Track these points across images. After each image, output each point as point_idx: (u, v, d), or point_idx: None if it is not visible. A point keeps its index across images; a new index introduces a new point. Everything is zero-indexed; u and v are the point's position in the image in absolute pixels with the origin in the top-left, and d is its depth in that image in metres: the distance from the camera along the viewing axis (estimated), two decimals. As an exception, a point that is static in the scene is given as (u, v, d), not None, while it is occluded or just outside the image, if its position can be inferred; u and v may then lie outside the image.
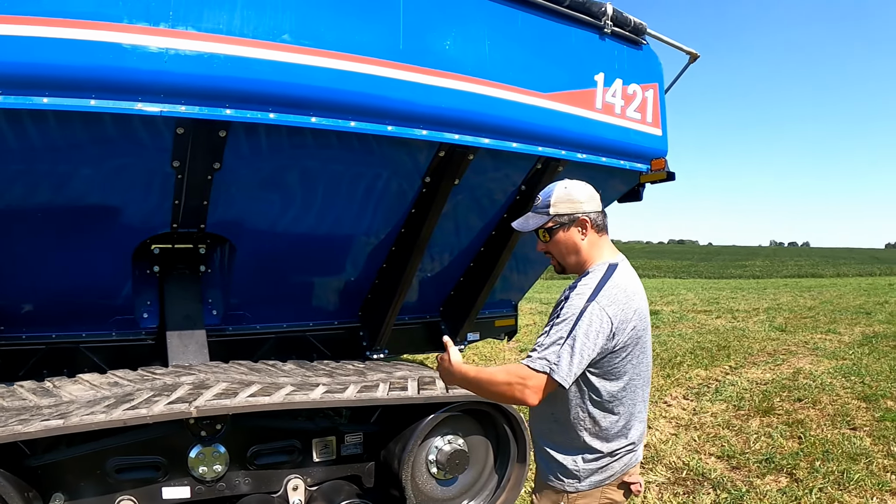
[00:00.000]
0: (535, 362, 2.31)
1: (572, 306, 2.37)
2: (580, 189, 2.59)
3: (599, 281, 2.45)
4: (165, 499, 3.93)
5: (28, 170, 3.52)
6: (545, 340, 2.34)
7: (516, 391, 2.31)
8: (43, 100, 3.07)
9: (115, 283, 4.45)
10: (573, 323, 2.34)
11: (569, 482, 2.55)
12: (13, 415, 3.57)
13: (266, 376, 4.21)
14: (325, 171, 4.12)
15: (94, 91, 3.14)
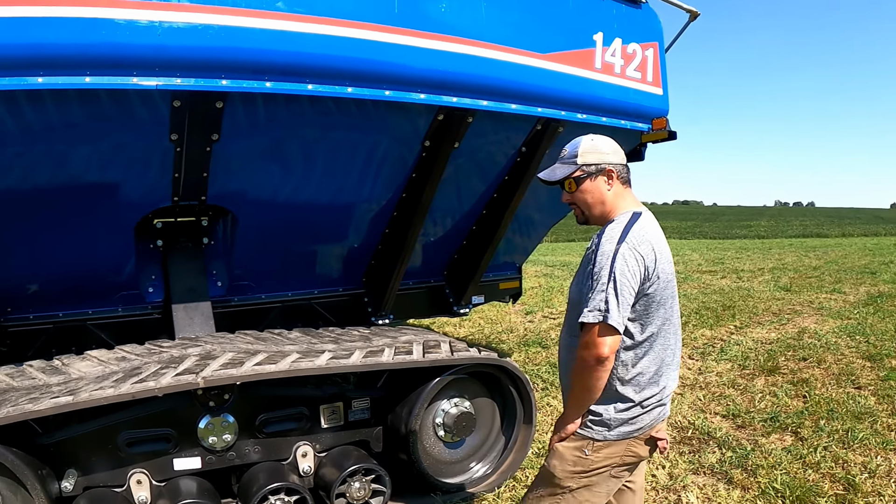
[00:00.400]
0: (587, 317, 2.43)
1: (604, 253, 2.47)
2: (606, 141, 2.71)
3: (626, 225, 2.54)
4: (177, 470, 3.98)
5: (26, 151, 3.52)
6: (593, 294, 2.44)
7: (592, 359, 2.46)
8: (38, 79, 3.06)
9: (119, 260, 4.46)
10: (609, 267, 2.44)
11: (597, 430, 2.61)
12: (23, 394, 3.61)
13: (272, 345, 4.23)
14: (325, 138, 4.11)
15: (89, 68, 3.13)
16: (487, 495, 4.53)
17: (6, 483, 3.53)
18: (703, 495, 4.44)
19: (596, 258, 2.49)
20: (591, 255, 2.54)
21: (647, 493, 4.45)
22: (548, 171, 2.73)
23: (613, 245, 2.48)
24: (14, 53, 2.98)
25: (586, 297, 2.46)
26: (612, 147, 2.70)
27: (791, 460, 4.88)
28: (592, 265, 2.49)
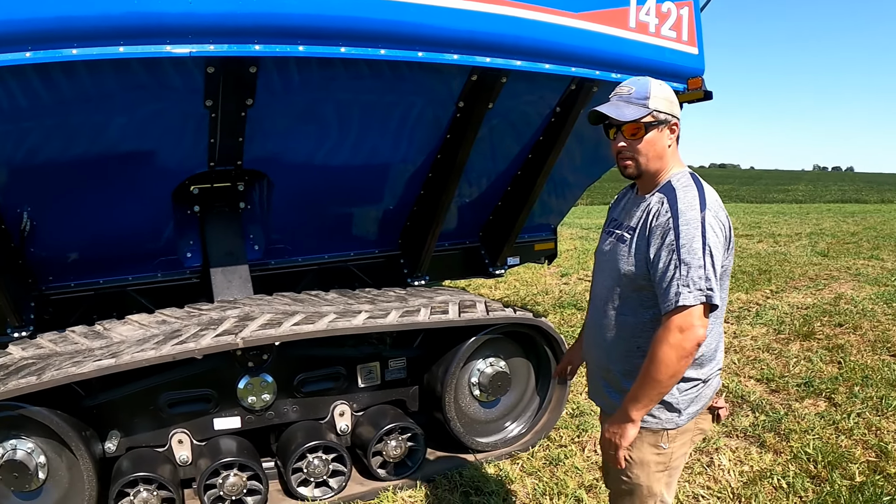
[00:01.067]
0: (687, 298, 2.15)
1: (690, 221, 2.21)
2: (671, 91, 2.42)
3: (698, 189, 2.31)
4: (217, 429, 4.08)
5: (63, 122, 3.57)
6: (682, 271, 2.17)
7: (690, 345, 2.18)
8: (72, 51, 3.09)
9: (158, 226, 4.53)
10: (702, 238, 2.19)
11: (668, 418, 2.39)
12: (66, 358, 3.70)
13: (309, 306, 4.29)
14: (358, 101, 4.11)
15: (123, 38, 3.14)
16: (522, 455, 4.58)
17: (51, 445, 3.64)
18: (736, 458, 4.45)
19: (679, 227, 2.20)
20: (661, 227, 2.26)
21: (681, 453, 4.48)
22: (612, 108, 2.35)
23: (697, 212, 2.22)
24: (48, 27, 3.01)
25: (672, 276, 2.18)
26: (676, 99, 2.43)
27: (824, 426, 4.86)
28: (675, 231, 2.21)
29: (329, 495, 4.09)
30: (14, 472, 3.56)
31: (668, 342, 2.17)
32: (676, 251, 2.19)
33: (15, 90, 3.30)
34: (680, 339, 2.16)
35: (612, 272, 2.45)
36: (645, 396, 2.24)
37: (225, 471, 3.87)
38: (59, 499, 3.73)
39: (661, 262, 2.23)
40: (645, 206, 2.38)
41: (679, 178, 2.37)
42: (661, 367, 2.18)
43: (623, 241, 2.43)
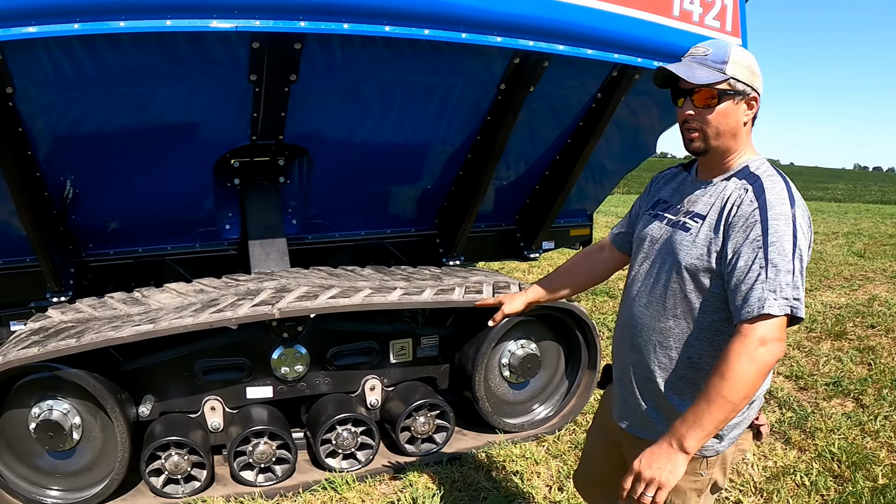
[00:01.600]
0: (773, 306, 1.82)
1: (780, 217, 1.90)
2: (754, 60, 2.08)
3: (783, 180, 2.02)
4: (249, 398, 4.16)
5: (108, 94, 3.65)
6: (769, 274, 1.85)
7: (770, 360, 1.85)
8: (120, 23, 3.15)
9: (198, 198, 4.62)
10: (793, 240, 1.89)
11: (710, 444, 2.09)
12: (105, 323, 3.79)
13: (345, 280, 4.35)
14: (400, 80, 4.15)
15: (170, 11, 3.19)
16: (548, 437, 4.62)
17: (86, 407, 3.75)
18: (760, 453, 4.45)
19: (768, 222, 1.89)
20: (744, 220, 1.94)
21: (707, 445, 4.50)
22: (683, 69, 2.02)
23: (788, 208, 1.92)
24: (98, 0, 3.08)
25: (757, 277, 1.86)
26: (758, 69, 2.08)
27: (850, 426, 4.83)
28: (764, 229, 1.89)
29: (356, 467, 4.16)
30: (49, 431, 3.66)
31: (748, 355, 1.82)
32: (763, 249, 1.87)
33: (63, 61, 3.38)
34: (762, 352, 1.83)
35: (667, 264, 2.11)
36: (711, 423, 1.85)
37: (255, 438, 3.95)
38: (91, 459, 3.83)
39: (743, 260, 1.90)
40: (719, 192, 2.06)
41: (759, 166, 2.06)
42: (739, 386, 1.82)
43: (686, 229, 2.08)
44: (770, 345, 1.83)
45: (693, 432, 1.86)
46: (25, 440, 3.73)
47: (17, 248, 4.45)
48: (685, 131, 2.09)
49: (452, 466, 4.24)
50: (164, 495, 3.88)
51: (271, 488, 3.98)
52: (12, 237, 4.32)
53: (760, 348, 1.82)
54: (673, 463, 1.88)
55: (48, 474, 3.82)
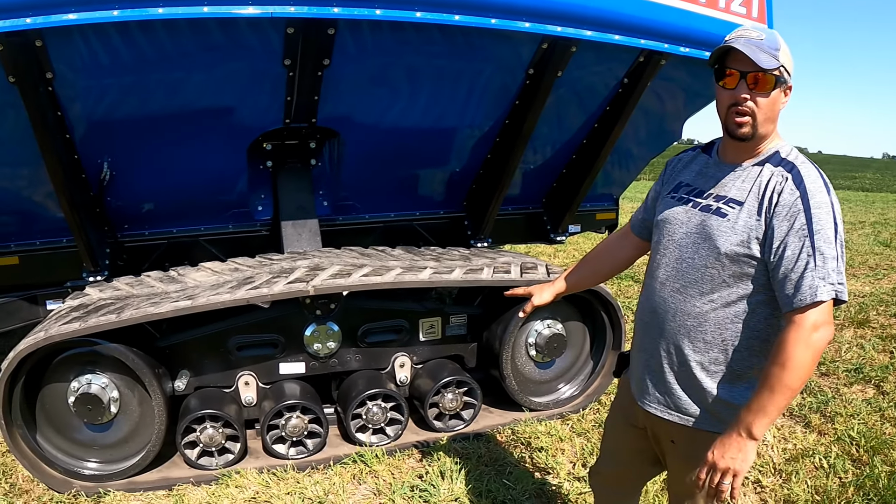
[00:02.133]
0: (821, 293, 1.90)
1: (821, 205, 1.96)
2: None
3: (816, 169, 2.06)
4: (282, 374, 4.28)
5: (145, 79, 3.77)
6: (817, 262, 1.92)
7: (822, 345, 1.95)
8: (158, 10, 3.26)
9: (232, 180, 4.74)
10: (834, 226, 1.95)
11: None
12: (144, 299, 3.91)
13: (376, 260, 4.46)
14: (431, 65, 4.23)
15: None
16: (572, 416, 4.71)
17: (124, 381, 3.88)
18: (780, 435, 4.51)
19: (811, 210, 1.94)
20: (788, 209, 1.98)
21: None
22: (752, 50, 1.96)
23: (826, 196, 1.97)
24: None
25: (806, 266, 1.92)
26: None
27: (870, 412, 4.87)
28: (808, 218, 1.94)
29: (385, 442, 4.27)
30: (88, 405, 3.80)
31: (804, 342, 1.90)
32: (810, 238, 1.92)
33: (101, 47, 3.50)
34: (816, 338, 1.91)
35: (703, 250, 2.13)
36: (775, 409, 1.94)
37: (288, 412, 4.07)
38: (128, 432, 3.97)
39: (790, 249, 1.94)
40: (754, 178, 2.09)
41: (789, 152, 2.10)
42: (799, 373, 1.90)
43: (722, 214, 2.10)
44: (822, 329, 1.91)
45: (759, 420, 1.94)
46: (64, 413, 3.87)
47: (54, 230, 4.59)
48: (734, 115, 2.05)
49: (479, 442, 4.35)
50: (199, 467, 4.01)
51: (303, 461, 4.10)
52: (49, 219, 4.47)
53: (814, 334, 1.90)
54: (745, 451, 1.96)
55: (86, 446, 3.96)
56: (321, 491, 3.79)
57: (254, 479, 3.90)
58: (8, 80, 3.42)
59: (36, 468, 3.83)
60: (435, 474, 3.90)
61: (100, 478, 3.91)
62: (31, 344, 3.59)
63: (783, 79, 2.02)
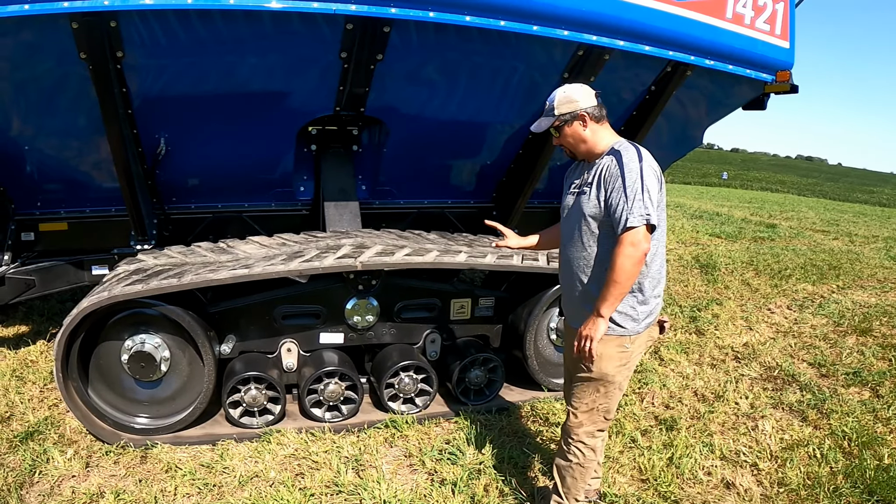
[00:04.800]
0: (635, 220, 2.83)
1: (632, 170, 2.89)
2: (575, 89, 3.14)
3: (635, 148, 2.99)
4: (322, 343, 4.59)
5: (215, 62, 4.08)
6: (629, 203, 2.84)
7: (639, 254, 2.86)
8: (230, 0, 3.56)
9: (278, 160, 5.05)
10: (640, 180, 2.87)
11: (631, 326, 3.08)
12: (200, 266, 4.20)
13: (414, 242, 4.76)
14: (474, 64, 4.52)
15: None
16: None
17: (176, 341, 4.20)
18: (779, 426, 4.78)
19: (626, 174, 2.88)
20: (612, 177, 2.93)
21: (728, 416, 4.90)
22: (535, 125, 3.18)
23: (637, 164, 2.91)
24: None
25: (622, 207, 2.85)
26: (582, 93, 3.12)
27: (864, 411, 5.09)
28: (623, 178, 2.88)
29: (414, 411, 4.59)
30: (141, 362, 4.13)
31: (624, 254, 2.84)
32: (623, 190, 2.88)
33: (171, 31, 3.78)
34: (632, 251, 2.83)
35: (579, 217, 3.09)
36: (611, 297, 2.90)
37: (327, 378, 4.39)
38: (176, 390, 4.29)
39: (613, 199, 2.91)
40: (596, 167, 3.05)
41: (620, 144, 3.05)
42: (620, 272, 2.85)
43: (583, 193, 3.08)
44: (636, 246, 2.83)
45: (601, 303, 2.93)
46: (117, 370, 4.19)
47: (104, 199, 4.93)
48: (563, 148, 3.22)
49: (501, 415, 4.67)
50: (241, 425, 4.32)
51: (339, 424, 4.42)
52: (100, 188, 4.82)
53: (629, 248, 2.83)
54: (596, 323, 2.95)
55: (136, 402, 4.28)
56: (356, 450, 4.11)
57: (293, 437, 4.22)
58: (79, 56, 3.71)
59: (87, 420, 4.13)
60: (461, 441, 4.23)
61: (148, 431, 4.22)
62: (95, 302, 3.87)
63: (564, 121, 3.10)
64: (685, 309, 7.64)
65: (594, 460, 3.36)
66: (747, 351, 6.34)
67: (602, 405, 3.23)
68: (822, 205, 27.74)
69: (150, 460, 4.02)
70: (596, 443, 3.32)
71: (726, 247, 11.99)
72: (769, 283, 9.22)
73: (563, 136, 3.14)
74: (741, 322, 7.30)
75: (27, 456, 3.95)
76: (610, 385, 3.18)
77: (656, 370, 5.65)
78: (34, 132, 4.35)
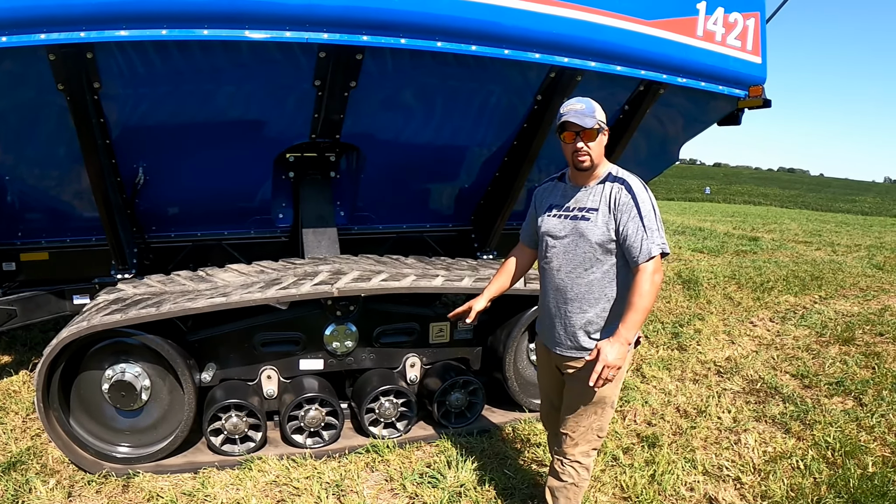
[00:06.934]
0: (657, 250, 2.94)
1: (645, 200, 3.01)
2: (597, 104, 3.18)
3: (637, 177, 3.12)
4: (302, 369, 4.59)
5: (187, 92, 4.11)
6: (647, 233, 2.95)
7: (660, 282, 3.00)
8: (203, 31, 3.59)
9: (256, 188, 5.07)
10: (653, 209, 3.01)
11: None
12: (179, 295, 4.21)
13: (392, 267, 4.78)
14: (447, 89, 4.58)
15: (249, 23, 3.64)
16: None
17: (156, 370, 4.20)
18: (761, 439, 4.80)
19: (639, 204, 2.97)
20: (624, 205, 2.99)
21: (711, 431, 4.92)
22: (580, 118, 3.00)
23: (646, 193, 3.04)
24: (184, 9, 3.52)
25: (641, 237, 2.93)
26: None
27: (847, 421, 5.13)
28: (637, 209, 2.96)
29: (395, 435, 4.59)
30: (122, 391, 4.12)
31: (649, 280, 2.93)
32: (640, 220, 2.97)
33: (145, 62, 3.83)
34: (656, 278, 2.94)
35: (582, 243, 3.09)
36: (636, 322, 2.93)
37: (308, 405, 4.39)
38: (157, 419, 4.28)
39: (630, 229, 2.97)
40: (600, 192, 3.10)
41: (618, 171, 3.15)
42: (646, 298, 2.92)
43: (586, 219, 3.10)
44: (657, 273, 2.95)
45: (629, 330, 2.93)
46: (98, 399, 4.18)
47: (84, 228, 4.94)
48: (578, 156, 3.07)
49: (482, 437, 4.67)
50: (222, 453, 4.32)
51: (320, 450, 4.41)
52: (80, 217, 4.82)
53: (654, 276, 2.93)
54: (623, 350, 2.93)
55: (117, 431, 4.26)
56: (337, 476, 4.11)
57: (274, 464, 4.22)
58: (57, 87, 3.74)
59: (69, 450, 4.12)
60: (442, 464, 4.23)
61: (129, 460, 4.20)
62: (75, 332, 3.88)
63: (602, 128, 3.07)
64: (667, 325, 7.68)
65: (587, 479, 3.39)
66: (730, 365, 6.37)
67: (597, 425, 3.27)
68: (805, 216, 27.99)
69: (133, 489, 4.00)
70: (590, 462, 3.35)
71: (709, 261, 12.07)
72: (751, 296, 9.29)
73: (595, 143, 3.06)
74: (723, 336, 7.34)
75: (9, 486, 3.93)
76: (606, 406, 3.24)
77: (638, 387, 5.67)
78: (14, 162, 4.37)
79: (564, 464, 3.32)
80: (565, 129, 3.08)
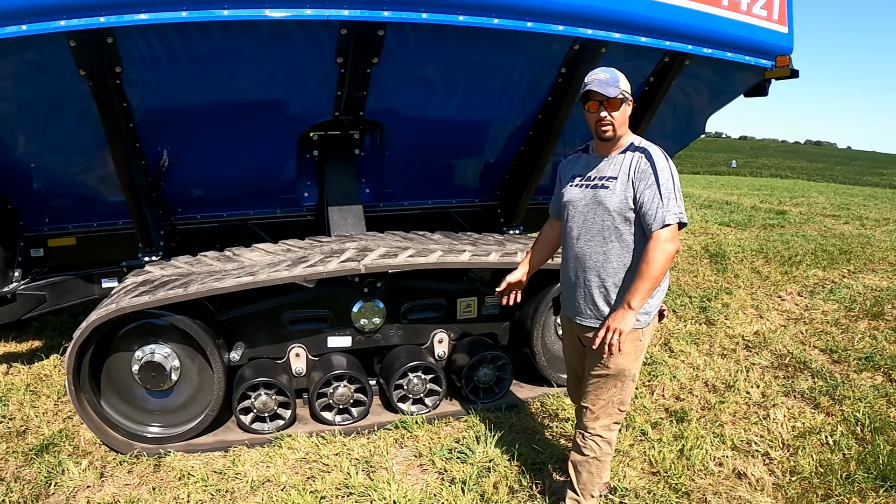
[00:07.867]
0: (672, 218, 2.93)
1: (664, 168, 3.00)
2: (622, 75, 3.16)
3: (660, 148, 3.10)
4: (330, 347, 4.61)
5: (209, 73, 4.10)
6: (664, 201, 2.93)
7: (673, 251, 2.97)
8: (224, 12, 3.59)
9: (281, 167, 5.06)
10: (673, 179, 3.00)
11: (644, 319, 3.16)
12: (206, 276, 4.23)
13: (418, 243, 4.77)
14: (470, 63, 4.53)
15: (268, 1, 3.63)
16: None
17: (185, 351, 4.23)
18: (790, 414, 4.77)
19: (657, 171, 2.96)
20: (643, 174, 2.98)
21: (739, 406, 4.89)
22: (604, 88, 3.00)
23: (666, 162, 3.02)
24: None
25: (657, 205, 2.93)
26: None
27: (877, 396, 5.08)
28: (656, 177, 2.95)
29: (424, 411, 4.60)
30: (152, 372, 4.15)
31: (660, 249, 2.93)
32: (658, 188, 2.96)
33: (167, 44, 3.82)
34: (668, 247, 2.94)
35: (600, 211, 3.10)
36: (644, 290, 2.94)
37: (336, 382, 4.41)
38: (187, 399, 4.32)
39: (647, 196, 2.97)
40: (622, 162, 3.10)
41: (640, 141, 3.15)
42: (656, 265, 2.92)
43: (605, 187, 3.10)
44: (670, 242, 2.94)
45: (635, 297, 2.95)
46: (128, 381, 4.22)
47: (111, 212, 4.97)
48: (600, 126, 3.08)
49: (511, 413, 4.68)
50: (252, 431, 4.35)
51: (349, 427, 4.44)
52: (106, 202, 4.85)
53: (666, 244, 2.93)
54: (627, 316, 2.96)
55: (147, 411, 4.31)
56: (367, 452, 4.13)
57: (304, 441, 4.24)
58: (78, 73, 3.76)
59: (101, 431, 4.17)
60: (471, 439, 4.24)
61: (160, 440, 4.25)
62: (104, 314, 3.90)
63: (626, 98, 3.07)
64: (695, 299, 7.62)
65: (610, 454, 3.39)
66: (758, 339, 6.33)
67: (617, 398, 3.27)
68: (832, 189, 27.60)
69: (164, 468, 4.04)
70: (612, 436, 3.35)
71: (736, 235, 11.96)
72: (779, 270, 9.19)
73: (621, 112, 3.07)
74: (751, 310, 7.29)
75: (42, 468, 3.98)
76: (626, 378, 3.23)
77: (666, 362, 5.65)
78: (40, 149, 4.40)
79: (586, 437, 3.32)
80: (589, 99, 3.09)
